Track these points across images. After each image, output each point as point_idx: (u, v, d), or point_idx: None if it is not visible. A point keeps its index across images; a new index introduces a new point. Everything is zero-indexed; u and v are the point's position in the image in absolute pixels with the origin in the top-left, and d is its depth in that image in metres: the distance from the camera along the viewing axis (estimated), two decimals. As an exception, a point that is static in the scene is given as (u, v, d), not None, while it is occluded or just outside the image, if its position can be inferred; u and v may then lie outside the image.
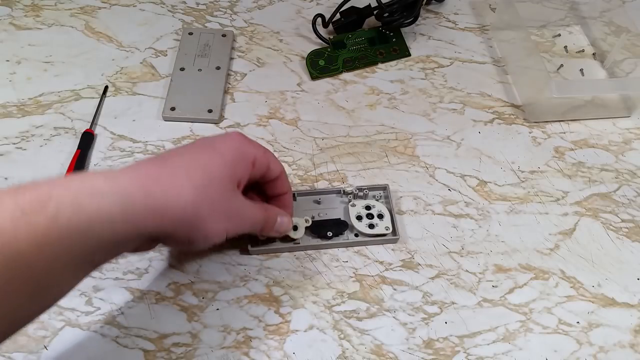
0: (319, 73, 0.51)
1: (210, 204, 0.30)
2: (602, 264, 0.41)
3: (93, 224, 0.24)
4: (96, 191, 0.25)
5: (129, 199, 0.26)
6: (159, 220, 0.27)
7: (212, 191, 0.30)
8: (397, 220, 0.41)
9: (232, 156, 0.32)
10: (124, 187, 0.26)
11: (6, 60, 0.51)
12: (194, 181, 0.29)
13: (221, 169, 0.31)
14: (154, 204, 0.27)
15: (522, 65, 0.51)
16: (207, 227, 0.30)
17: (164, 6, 0.56)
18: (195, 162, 0.30)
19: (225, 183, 0.31)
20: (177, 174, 0.29)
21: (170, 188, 0.28)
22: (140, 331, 0.36)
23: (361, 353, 0.36)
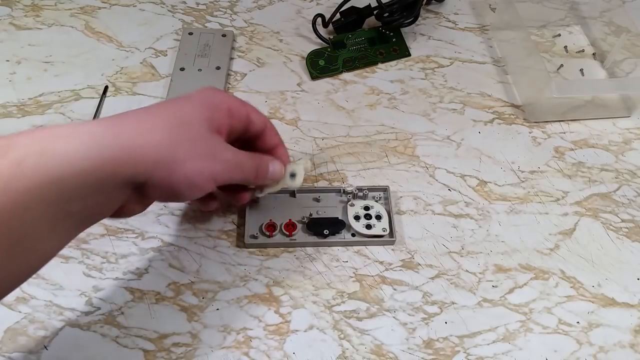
0: (319, 73, 0.51)
1: (187, 142, 0.28)
2: (602, 264, 0.41)
3: (62, 168, 0.23)
4: (63, 135, 0.24)
5: (97, 139, 0.25)
6: (132, 162, 0.26)
7: (186, 130, 0.28)
8: (394, 222, 0.41)
9: (203, 102, 0.31)
10: (91, 129, 0.25)
11: (6, 60, 0.51)
12: (166, 121, 0.28)
13: (193, 113, 0.30)
14: (124, 143, 0.25)
15: (522, 65, 0.51)
16: (186, 167, 0.28)
17: (164, 6, 0.56)
18: (165, 109, 0.29)
19: (201, 124, 0.30)
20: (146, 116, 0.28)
21: (140, 128, 0.26)
22: (140, 331, 0.36)
23: (361, 353, 0.36)
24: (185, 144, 0.28)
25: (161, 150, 0.27)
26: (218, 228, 0.41)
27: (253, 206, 0.42)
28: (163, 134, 0.27)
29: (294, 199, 0.42)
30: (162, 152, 0.27)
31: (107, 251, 0.40)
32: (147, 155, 0.26)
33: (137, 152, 0.26)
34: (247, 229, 0.40)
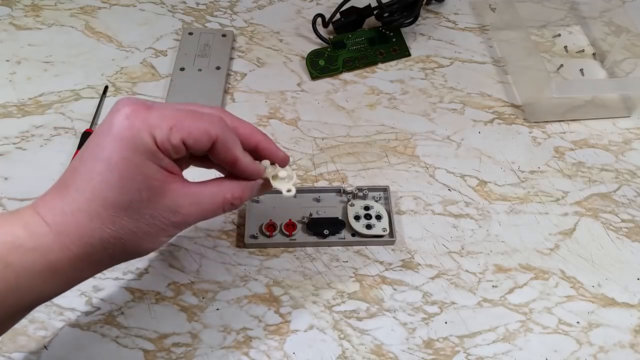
0: (319, 73, 0.51)
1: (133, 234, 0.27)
2: (602, 264, 0.41)
3: (20, 280, 0.25)
4: (18, 246, 0.25)
5: (54, 256, 0.26)
6: (87, 263, 0.27)
7: (127, 220, 0.27)
8: (394, 222, 0.41)
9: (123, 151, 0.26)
10: (44, 242, 0.26)
11: (6, 60, 0.51)
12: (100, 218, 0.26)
13: (119, 186, 0.26)
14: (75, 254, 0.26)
15: (522, 65, 0.51)
16: (138, 252, 0.28)
17: (164, 6, 0.56)
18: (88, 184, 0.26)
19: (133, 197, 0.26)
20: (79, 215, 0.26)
21: (82, 234, 0.26)
22: (140, 331, 0.36)
23: (361, 353, 0.36)
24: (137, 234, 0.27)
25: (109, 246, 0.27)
26: (218, 228, 0.41)
27: (253, 206, 0.42)
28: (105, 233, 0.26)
29: (294, 198, 0.42)
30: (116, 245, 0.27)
31: (107, 251, 0.39)
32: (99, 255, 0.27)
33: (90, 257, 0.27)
34: (247, 229, 0.40)
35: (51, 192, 0.27)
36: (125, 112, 0.26)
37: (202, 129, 0.27)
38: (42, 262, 0.25)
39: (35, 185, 0.42)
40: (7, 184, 0.42)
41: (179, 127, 0.26)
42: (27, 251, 0.25)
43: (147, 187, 0.26)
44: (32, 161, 0.44)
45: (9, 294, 0.25)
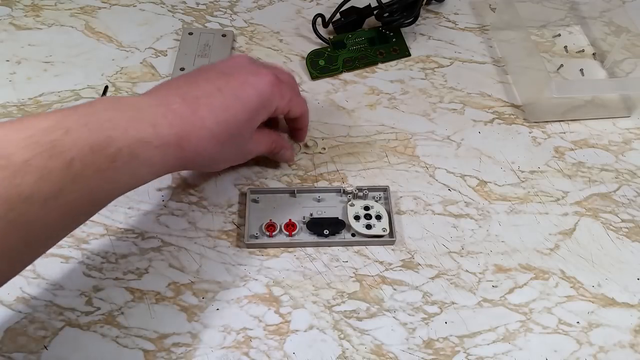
0: (319, 73, 0.51)
1: (225, 156, 0.37)
2: (602, 264, 0.41)
3: (141, 168, 0.31)
4: (147, 142, 0.30)
5: (169, 152, 0.32)
6: (184, 165, 0.35)
7: (231, 145, 0.36)
8: (395, 223, 0.41)
9: (258, 107, 0.35)
10: (167, 142, 0.31)
11: (6, 60, 0.51)
12: (217, 137, 0.34)
13: (244, 121, 0.35)
14: (184, 155, 0.33)
15: (522, 65, 0.51)
16: (218, 166, 0.39)
17: (164, 6, 0.56)
18: (223, 113, 0.34)
19: (245, 132, 0.36)
20: (204, 128, 0.33)
21: (197, 145, 0.33)
22: (140, 331, 0.36)
23: (361, 353, 0.36)
24: (225, 157, 0.37)
25: (205, 161, 0.36)
26: (218, 228, 0.41)
27: (253, 206, 0.42)
28: (212, 152, 0.35)
29: (295, 198, 0.42)
30: (206, 162, 0.36)
31: (107, 251, 0.40)
32: (197, 163, 0.36)
33: (190, 162, 0.35)
34: (247, 228, 0.40)
35: (177, 99, 0.33)
36: (270, 80, 0.36)
37: (302, 108, 0.41)
38: (160, 157, 0.31)
39: (35, 185, 0.42)
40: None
41: (292, 104, 0.39)
42: (153, 148, 0.31)
43: (251, 131, 0.37)
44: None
45: (133, 179, 0.31)
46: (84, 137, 0.27)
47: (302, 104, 0.41)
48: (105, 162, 0.28)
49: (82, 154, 0.27)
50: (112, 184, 0.30)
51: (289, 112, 0.39)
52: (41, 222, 0.26)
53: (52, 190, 0.26)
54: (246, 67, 0.36)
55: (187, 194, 0.43)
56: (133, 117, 0.30)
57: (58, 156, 0.26)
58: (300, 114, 0.41)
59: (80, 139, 0.27)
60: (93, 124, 0.28)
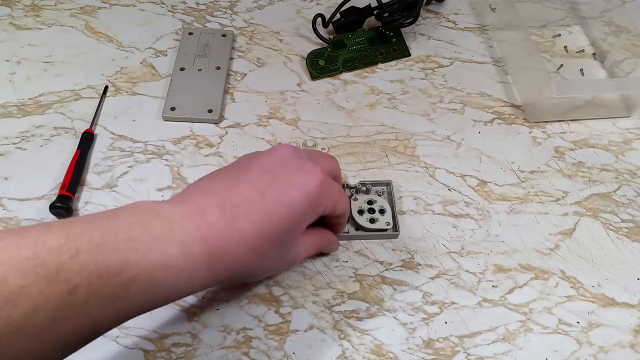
0: (319, 73, 0.51)
1: (266, 267, 0.32)
2: (602, 264, 0.41)
3: (159, 295, 0.26)
4: (170, 266, 0.26)
5: (197, 274, 0.27)
6: (214, 283, 0.30)
7: (271, 257, 0.31)
8: (398, 216, 0.41)
9: (304, 209, 0.30)
10: (195, 264, 0.27)
11: (6, 60, 0.51)
12: (258, 250, 0.29)
13: (288, 230, 0.30)
14: (216, 275, 0.29)
15: (522, 65, 0.51)
16: (256, 279, 0.35)
17: (164, 6, 0.56)
18: (265, 220, 0.29)
19: (287, 242, 0.31)
20: (243, 241, 0.29)
21: (234, 262, 0.29)
22: (140, 331, 0.36)
23: (361, 353, 0.36)
24: (265, 270, 0.32)
25: (239, 275, 0.31)
26: (218, 228, 0.41)
27: None
28: (250, 266, 0.30)
29: None
30: (240, 275, 0.31)
31: (107, 251, 0.39)
32: (229, 279, 0.30)
33: (222, 280, 0.30)
34: None
35: (215, 209, 0.29)
36: (319, 180, 0.31)
37: (345, 206, 0.35)
38: (185, 281, 0.27)
39: (35, 186, 0.42)
40: (7, 184, 0.42)
41: (340, 204, 0.33)
42: (177, 272, 0.26)
43: (297, 237, 0.32)
44: (32, 161, 0.44)
45: (147, 305, 0.27)
46: (94, 261, 0.23)
47: (345, 201, 0.35)
48: (116, 291, 0.24)
49: (88, 282, 0.23)
50: (119, 313, 0.25)
51: (335, 211, 0.34)
52: (32, 354, 0.23)
53: (47, 321, 0.22)
54: (292, 163, 0.31)
55: (187, 194, 0.43)
56: (159, 237, 0.26)
57: (60, 283, 0.22)
58: (344, 211, 0.35)
59: (89, 263, 0.23)
60: (108, 244, 0.24)
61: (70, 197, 0.41)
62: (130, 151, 0.45)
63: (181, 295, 0.28)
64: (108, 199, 0.42)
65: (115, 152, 0.45)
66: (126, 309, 0.25)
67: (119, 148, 0.45)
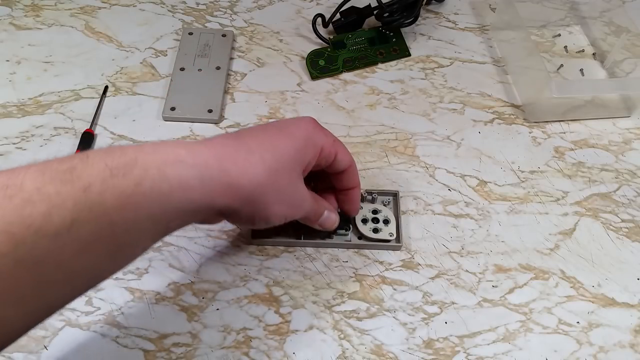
0: (319, 73, 0.51)
1: (277, 190, 0.31)
2: (602, 264, 0.41)
3: (173, 192, 0.26)
4: (179, 161, 0.26)
5: (208, 173, 0.27)
6: (231, 196, 0.29)
7: (281, 176, 0.31)
8: (402, 228, 0.41)
9: (304, 142, 0.33)
10: (204, 161, 0.27)
11: (6, 60, 0.51)
12: (267, 163, 0.30)
13: (292, 154, 0.32)
14: (228, 180, 0.28)
15: (522, 65, 0.51)
16: (269, 210, 0.32)
17: (164, 6, 0.56)
18: (269, 144, 0.31)
19: (294, 168, 0.32)
20: (252, 154, 0.30)
21: (245, 167, 0.29)
22: (140, 331, 0.36)
23: (361, 353, 0.36)
24: (276, 192, 0.31)
25: (256, 193, 0.30)
26: (218, 228, 0.41)
27: None
28: (262, 178, 0.30)
29: None
30: (256, 195, 0.30)
31: (107, 251, 0.40)
32: (245, 194, 0.29)
33: (237, 190, 0.29)
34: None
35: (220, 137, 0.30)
36: (311, 120, 0.34)
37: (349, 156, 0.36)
38: (198, 179, 0.27)
39: (35, 185, 0.42)
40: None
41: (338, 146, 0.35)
42: (187, 167, 0.26)
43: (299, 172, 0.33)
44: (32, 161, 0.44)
45: (163, 205, 0.26)
46: (104, 162, 0.24)
47: (347, 152, 0.36)
48: (129, 188, 0.24)
49: (101, 178, 0.24)
50: (136, 213, 0.25)
51: (337, 157, 0.35)
52: (53, 260, 0.23)
53: (64, 221, 0.23)
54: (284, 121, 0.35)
55: (187, 194, 0.43)
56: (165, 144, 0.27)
57: (73, 182, 0.23)
58: (349, 163, 0.36)
59: (100, 163, 0.24)
60: (116, 150, 0.25)
61: (70, 197, 0.41)
62: (130, 151, 0.45)
63: (201, 200, 0.27)
64: (108, 199, 0.42)
65: (115, 152, 0.45)
66: (142, 207, 0.25)
67: (119, 148, 0.45)
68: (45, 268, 0.23)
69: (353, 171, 0.37)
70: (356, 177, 0.38)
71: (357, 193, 0.38)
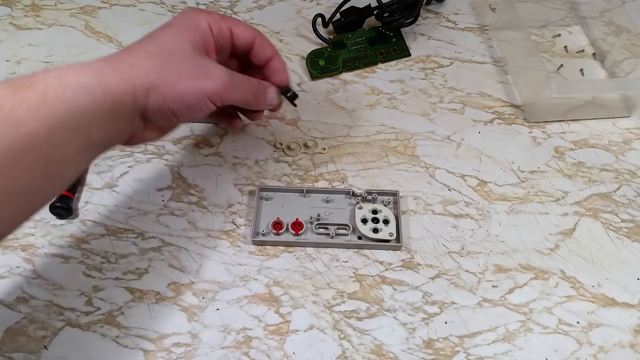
0: (319, 73, 0.51)
1: (174, 65, 0.31)
2: (602, 264, 0.41)
3: (76, 96, 0.27)
4: (74, 69, 0.27)
5: (102, 72, 0.28)
6: (130, 90, 0.29)
7: (173, 55, 0.32)
8: (402, 228, 0.41)
9: (183, 25, 0.33)
10: (96, 65, 0.29)
11: (6, 60, 0.51)
12: (152, 50, 0.31)
13: (176, 38, 0.32)
14: (121, 74, 0.29)
15: (522, 65, 0.51)
16: (177, 88, 0.31)
17: (164, 6, 0.56)
18: (149, 40, 0.32)
19: (185, 46, 0.32)
20: (135, 50, 0.31)
21: (131, 60, 0.30)
22: (140, 331, 0.36)
23: (361, 353, 0.36)
24: (173, 67, 0.31)
25: (151, 76, 0.30)
26: (218, 228, 0.41)
27: (262, 204, 0.42)
28: (151, 62, 0.30)
29: (303, 198, 0.42)
30: (152, 78, 0.30)
31: (107, 251, 0.40)
32: (140, 83, 0.30)
33: (132, 81, 0.29)
34: (254, 225, 0.40)
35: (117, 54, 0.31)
36: (189, 9, 0.34)
37: (247, 28, 0.36)
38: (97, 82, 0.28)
39: (35, 185, 0.42)
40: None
41: (228, 21, 0.35)
42: (83, 70, 0.28)
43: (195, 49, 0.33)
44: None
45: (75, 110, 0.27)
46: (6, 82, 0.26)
47: (247, 26, 0.37)
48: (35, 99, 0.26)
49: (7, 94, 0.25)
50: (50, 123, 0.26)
51: (233, 31, 0.35)
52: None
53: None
54: None
55: (187, 194, 0.43)
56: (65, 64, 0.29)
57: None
58: (252, 34, 0.37)
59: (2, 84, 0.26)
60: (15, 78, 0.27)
61: (70, 197, 0.41)
62: (130, 151, 0.45)
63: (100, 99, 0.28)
64: (108, 199, 0.42)
65: (115, 152, 0.45)
66: (53, 116, 0.26)
67: (119, 148, 0.45)
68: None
69: (262, 41, 0.37)
70: (268, 46, 0.38)
71: (278, 61, 0.38)
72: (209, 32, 0.34)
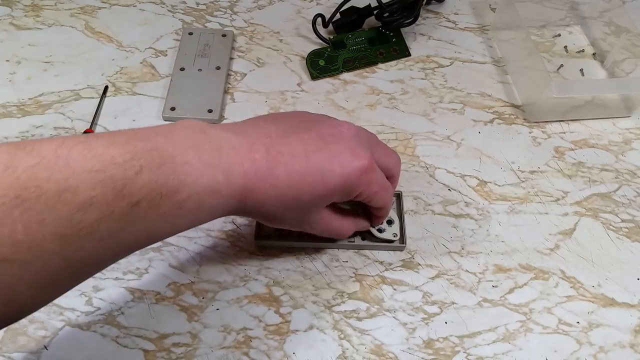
0: (319, 73, 0.51)
1: (285, 218, 0.33)
2: (602, 264, 0.41)
3: (203, 215, 0.29)
4: (216, 192, 0.28)
5: (232, 204, 0.30)
6: (242, 213, 0.32)
7: (292, 213, 0.33)
8: (406, 229, 0.41)
9: (336, 186, 0.31)
10: (234, 193, 0.29)
11: (6, 60, 0.51)
12: (283, 200, 0.31)
13: (314, 197, 0.32)
14: (245, 207, 0.31)
15: (522, 65, 0.51)
16: (275, 224, 0.34)
17: (164, 6, 0.56)
18: (298, 178, 0.31)
19: (310, 207, 0.33)
20: (273, 187, 0.31)
21: (262, 200, 0.31)
22: (140, 331, 0.36)
23: (361, 353, 0.36)
24: (283, 220, 0.33)
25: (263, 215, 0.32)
26: (218, 228, 0.41)
27: None
28: (275, 210, 0.32)
29: None
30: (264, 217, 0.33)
31: (107, 251, 0.39)
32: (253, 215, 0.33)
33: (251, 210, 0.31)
34: (257, 226, 0.40)
35: (262, 149, 0.30)
36: (363, 167, 0.32)
37: (384, 202, 0.35)
38: (223, 207, 0.29)
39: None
40: (7, 184, 0.42)
41: (377, 197, 0.34)
42: (219, 198, 0.29)
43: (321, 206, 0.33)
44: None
45: (191, 224, 0.29)
46: (155, 180, 0.25)
47: (386, 197, 0.35)
48: (171, 209, 0.26)
49: (150, 198, 0.25)
50: (171, 227, 0.28)
51: (371, 202, 0.34)
52: (94, 259, 0.25)
53: (111, 229, 0.24)
54: (347, 142, 0.32)
55: (187, 194, 0.43)
56: (209, 163, 0.28)
57: (125, 197, 0.24)
58: (382, 205, 0.35)
59: (151, 181, 0.25)
60: (168, 165, 0.26)
61: (71, 197, 0.41)
62: (130, 151, 0.45)
63: (217, 216, 0.30)
64: (108, 199, 0.42)
65: (115, 152, 0.45)
66: (176, 225, 0.28)
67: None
68: (85, 265, 0.25)
69: (384, 210, 0.37)
70: (386, 211, 0.37)
71: (383, 211, 0.37)
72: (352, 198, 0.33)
